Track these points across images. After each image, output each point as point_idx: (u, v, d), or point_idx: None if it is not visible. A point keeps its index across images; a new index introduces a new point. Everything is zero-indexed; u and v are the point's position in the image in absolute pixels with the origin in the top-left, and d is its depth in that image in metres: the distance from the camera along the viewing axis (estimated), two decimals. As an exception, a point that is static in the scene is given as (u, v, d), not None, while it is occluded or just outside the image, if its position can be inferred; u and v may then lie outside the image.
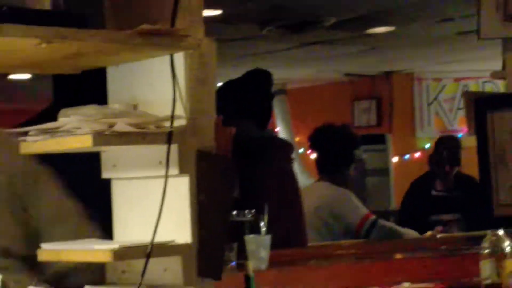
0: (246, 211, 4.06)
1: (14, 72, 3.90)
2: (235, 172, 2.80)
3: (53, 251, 2.72)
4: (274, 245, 4.46)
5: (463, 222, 7.16)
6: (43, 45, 2.44)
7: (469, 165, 5.05)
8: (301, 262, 4.61)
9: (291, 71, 10.40)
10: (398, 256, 5.17)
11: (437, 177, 7.56)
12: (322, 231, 6.03)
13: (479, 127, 3.48)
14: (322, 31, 7.76)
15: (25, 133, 2.65)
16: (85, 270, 2.96)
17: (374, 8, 7.01)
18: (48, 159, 3.10)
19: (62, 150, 2.65)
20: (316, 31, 7.80)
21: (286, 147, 5.83)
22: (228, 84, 5.60)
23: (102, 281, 2.85)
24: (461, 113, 10.68)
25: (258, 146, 5.37)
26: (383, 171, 10.95)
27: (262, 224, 4.15)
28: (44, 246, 2.73)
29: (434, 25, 7.81)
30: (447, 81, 11.22)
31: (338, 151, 6.39)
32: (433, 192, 7.60)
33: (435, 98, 11.24)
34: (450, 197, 7.49)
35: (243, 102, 5.45)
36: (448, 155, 7.36)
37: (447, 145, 7.48)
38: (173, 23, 2.62)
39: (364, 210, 6.24)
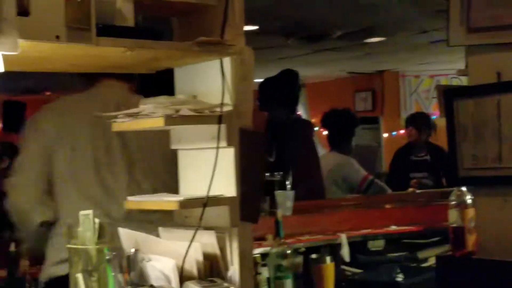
0: (276, 173, 4.07)
1: (106, 71, 3.89)
2: (267, 144, 2.81)
3: (137, 202, 2.75)
4: (302, 197, 4.50)
5: (431, 178, 7.19)
6: (128, 53, 2.46)
7: (441, 139, 5.03)
8: (317, 210, 4.62)
9: (308, 70, 10.37)
10: (387, 206, 5.18)
11: (414, 145, 7.60)
12: (333, 188, 6.04)
13: (448, 111, 3.46)
14: (331, 41, 7.74)
15: (116, 116, 2.68)
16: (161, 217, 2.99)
17: (369, 24, 6.99)
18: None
19: (141, 128, 2.68)
20: (326, 41, 7.78)
21: (309, 126, 5.88)
22: (267, 80, 5.65)
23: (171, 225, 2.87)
24: (434, 101, 10.64)
25: (290, 125, 5.41)
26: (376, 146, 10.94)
27: (287, 182, 4.17)
28: (130, 198, 2.76)
29: (414, 36, 7.78)
30: (424, 77, 11.18)
31: (342, 129, 6.40)
32: (412, 157, 7.60)
33: (415, 90, 11.19)
34: (423, 160, 7.50)
35: (279, 93, 5.48)
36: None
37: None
38: (222, 36, 2.62)
39: (363, 172, 6.24)
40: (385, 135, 11.47)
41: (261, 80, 5.56)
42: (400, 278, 3.89)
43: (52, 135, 3.32)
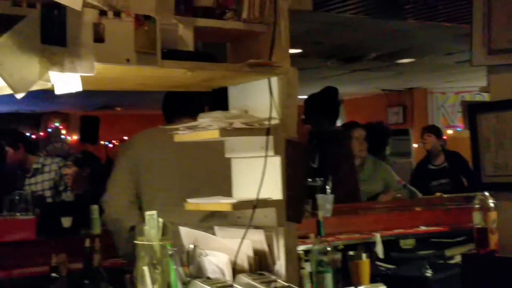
0: (317, 179, 4.06)
1: (170, 90, 3.94)
2: (311, 153, 2.80)
3: (195, 204, 2.77)
4: (341, 200, 4.49)
5: (450, 185, 7.05)
6: (189, 73, 2.49)
7: (466, 149, 4.98)
8: (354, 212, 4.59)
9: (346, 88, 10.34)
10: (417, 208, 5.12)
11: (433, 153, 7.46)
12: None
13: (472, 124, 3.42)
14: (366, 62, 7.70)
15: (177, 129, 2.70)
16: (217, 216, 3.00)
17: (400, 47, 6.94)
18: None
19: (199, 139, 2.69)
20: (362, 62, 7.74)
21: (348, 137, 5.84)
22: (311, 96, 5.65)
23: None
24: (459, 115, 10.49)
25: (331, 135, 5.39)
26: (407, 154, 10.81)
27: (327, 187, 4.15)
28: (190, 200, 2.78)
29: (440, 57, 7.69)
30: (450, 94, 11.04)
31: (377, 139, 6.36)
32: (430, 166, 7.47)
33: (442, 105, 11.06)
34: (442, 168, 7.39)
35: (322, 107, 5.48)
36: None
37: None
38: (270, 58, 2.63)
39: (397, 178, 6.18)
40: (415, 145, 11.36)
41: (305, 96, 5.55)
42: (429, 273, 3.83)
43: (142, 157, 3.43)
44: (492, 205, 3.38)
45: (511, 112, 3.25)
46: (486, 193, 3.42)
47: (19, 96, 2.07)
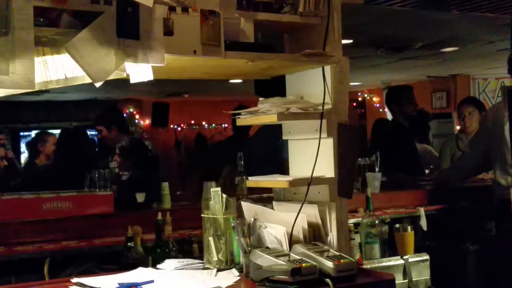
0: (366, 158, 4.01)
1: (232, 79, 3.95)
2: (360, 135, 2.75)
3: (255, 181, 2.76)
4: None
5: None
6: (249, 63, 2.48)
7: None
8: (400, 188, 4.51)
9: (394, 75, 10.18)
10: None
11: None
12: None
13: (510, 108, 3.34)
14: (413, 51, 7.54)
15: (239, 113, 2.70)
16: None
17: (444, 36, 6.78)
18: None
19: (259, 123, 2.69)
20: (409, 51, 7.59)
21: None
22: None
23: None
24: (499, 99, 10.23)
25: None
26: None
27: (377, 165, 4.11)
28: (250, 178, 2.78)
29: (482, 45, 7.49)
30: (491, 80, 10.75)
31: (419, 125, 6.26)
32: None
33: (483, 90, 10.78)
34: None
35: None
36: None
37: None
38: (324, 48, 2.60)
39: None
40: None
41: (357, 83, 5.53)
42: (468, 244, 3.77)
43: None
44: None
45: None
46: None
47: (98, 84, 2.09)
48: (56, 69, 2.16)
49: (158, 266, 2.63)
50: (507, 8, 3.71)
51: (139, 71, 2.20)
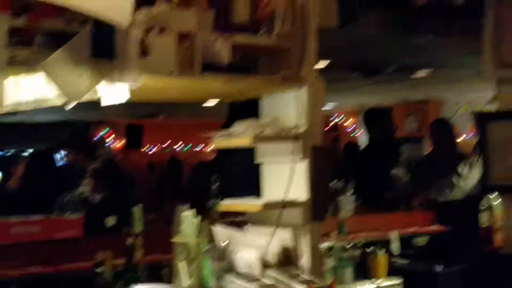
0: (338, 181, 4.01)
1: (208, 100, 3.96)
2: (334, 158, 2.75)
3: (227, 205, 2.74)
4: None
5: None
6: (224, 85, 2.47)
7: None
8: (372, 211, 4.52)
9: (369, 98, 10.26)
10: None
11: None
12: None
13: (481, 132, 3.38)
14: (387, 74, 7.64)
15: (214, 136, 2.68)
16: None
17: (417, 61, 6.88)
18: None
19: (234, 146, 2.67)
20: (383, 75, 7.68)
21: None
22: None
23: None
24: (470, 124, 10.39)
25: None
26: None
27: (349, 189, 4.11)
28: (223, 202, 2.75)
29: (454, 70, 7.61)
30: (462, 104, 10.95)
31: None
32: None
33: (455, 114, 10.95)
34: None
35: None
36: None
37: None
38: (299, 70, 2.60)
39: None
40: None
41: (331, 106, 5.55)
42: (440, 268, 3.79)
43: None
44: (498, 205, 3.34)
45: (518, 121, 3.20)
46: (493, 195, 3.37)
47: (69, 107, 2.06)
48: (28, 90, 2.13)
49: (128, 291, 2.58)
50: (478, 34, 3.79)
51: (114, 92, 2.17)
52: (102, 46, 2.08)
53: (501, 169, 3.27)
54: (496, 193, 3.39)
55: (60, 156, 6.05)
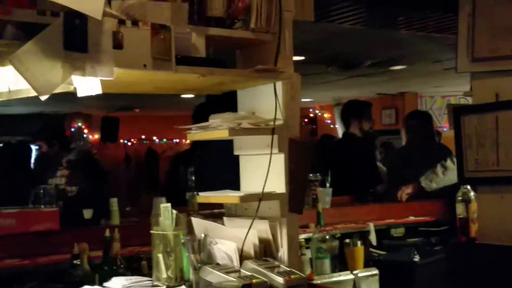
0: (318, 174, 4.02)
1: (183, 94, 3.94)
2: (311, 151, 2.76)
3: (205, 197, 2.74)
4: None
5: None
6: (201, 78, 2.45)
7: (451, 148, 4.91)
8: (350, 204, 4.55)
9: (345, 92, 10.30)
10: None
11: None
12: None
13: (456, 125, 3.41)
14: (362, 68, 7.68)
15: (190, 129, 2.67)
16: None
17: (393, 55, 6.92)
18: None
19: (210, 138, 2.67)
20: (359, 69, 7.72)
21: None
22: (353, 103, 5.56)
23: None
24: (445, 117, 10.48)
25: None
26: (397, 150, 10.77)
27: (327, 181, 4.13)
28: (201, 194, 2.75)
29: (429, 64, 7.67)
30: (437, 98, 11.01)
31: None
32: None
33: (430, 108, 11.01)
34: None
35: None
36: None
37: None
38: (275, 64, 2.60)
39: None
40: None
41: (308, 100, 5.54)
42: (416, 258, 3.82)
43: None
44: (473, 197, 3.38)
45: (491, 114, 3.24)
46: (468, 187, 3.42)
47: (43, 98, 2.04)
48: (0, 81, 2.10)
49: (105, 284, 2.57)
50: (453, 29, 3.83)
51: (87, 85, 2.15)
52: (75, 38, 2.05)
53: (475, 162, 3.31)
54: (470, 185, 3.43)
55: (35, 148, 6.01)
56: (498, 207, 3.21)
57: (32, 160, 5.79)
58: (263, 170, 2.60)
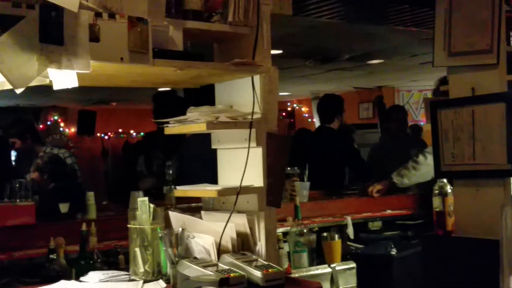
0: (295, 167, 4.03)
1: (161, 87, 3.92)
2: (289, 145, 2.76)
3: (183, 191, 2.73)
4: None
5: None
6: (178, 71, 2.45)
7: (427, 141, 4.95)
8: (327, 197, 4.57)
9: (323, 86, 10.32)
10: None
11: None
12: None
13: (433, 118, 3.43)
14: (340, 62, 7.69)
15: (168, 122, 2.67)
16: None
17: (371, 49, 6.95)
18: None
19: (188, 132, 2.66)
20: (337, 63, 7.73)
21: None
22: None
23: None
24: (422, 111, 10.55)
25: None
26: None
27: (305, 175, 4.14)
28: (178, 187, 2.75)
29: (406, 59, 7.71)
30: (414, 92, 11.07)
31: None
32: None
33: (407, 102, 11.07)
34: None
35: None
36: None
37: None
38: (253, 58, 2.60)
39: None
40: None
41: (286, 93, 5.55)
42: (393, 252, 3.85)
43: None
44: (449, 190, 3.41)
45: (467, 108, 3.27)
46: (444, 180, 3.44)
47: (19, 91, 2.02)
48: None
49: (81, 278, 2.55)
50: (430, 23, 3.86)
51: (63, 78, 2.13)
52: (51, 31, 2.03)
53: (451, 155, 3.34)
54: (447, 179, 3.45)
55: (9, 142, 5.95)
56: (474, 200, 3.24)
57: (7, 154, 5.73)
58: (241, 164, 2.60)
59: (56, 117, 12.15)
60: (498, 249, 2.13)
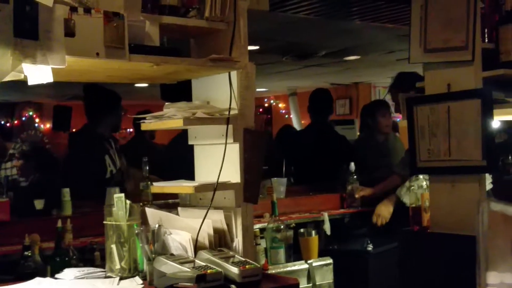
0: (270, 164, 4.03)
1: (137, 83, 3.90)
2: (266, 140, 2.76)
3: (159, 187, 2.73)
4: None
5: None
6: (155, 67, 2.44)
7: (403, 137, 4.98)
8: (304, 193, 4.58)
9: (299, 82, 10.34)
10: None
11: None
12: None
13: (409, 115, 3.44)
14: (317, 58, 7.70)
15: (144, 118, 2.65)
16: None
17: (347, 45, 6.96)
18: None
19: (165, 128, 2.65)
20: (314, 59, 7.74)
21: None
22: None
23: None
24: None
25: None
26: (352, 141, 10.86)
27: (283, 171, 4.15)
28: (155, 184, 2.74)
29: (383, 55, 7.75)
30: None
31: None
32: None
33: (383, 98, 11.15)
34: None
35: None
36: None
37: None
38: (230, 54, 2.60)
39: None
40: (358, 133, 11.38)
41: (263, 89, 5.54)
42: (370, 247, 3.87)
43: None
44: (425, 186, 3.42)
45: (443, 104, 3.29)
46: (420, 176, 3.46)
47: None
48: None
49: (57, 275, 2.54)
50: (406, 20, 3.88)
51: (38, 73, 2.11)
52: (25, 25, 2.02)
53: (427, 151, 3.36)
54: (422, 174, 3.47)
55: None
56: (449, 196, 3.26)
57: None
58: (218, 160, 2.60)
59: (31, 113, 12.03)
60: (475, 244, 2.14)
